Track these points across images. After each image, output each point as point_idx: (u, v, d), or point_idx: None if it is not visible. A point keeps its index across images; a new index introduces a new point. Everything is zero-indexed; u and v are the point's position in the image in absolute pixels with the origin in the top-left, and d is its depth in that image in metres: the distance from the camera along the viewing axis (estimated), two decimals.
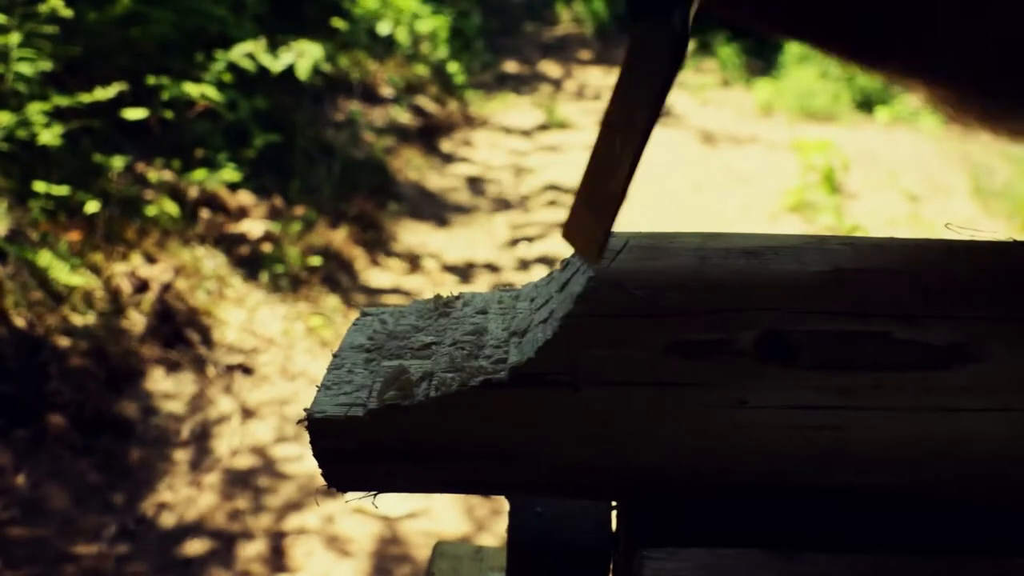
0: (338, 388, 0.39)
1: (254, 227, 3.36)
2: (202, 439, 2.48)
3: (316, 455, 0.38)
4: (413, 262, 3.67)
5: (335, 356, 0.42)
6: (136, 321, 2.70)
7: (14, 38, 2.90)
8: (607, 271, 0.37)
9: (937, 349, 0.37)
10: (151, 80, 3.41)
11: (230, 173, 3.45)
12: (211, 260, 3.09)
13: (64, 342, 2.48)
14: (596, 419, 0.37)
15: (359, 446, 0.37)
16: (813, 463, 0.37)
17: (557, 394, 0.37)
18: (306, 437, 0.38)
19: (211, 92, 3.49)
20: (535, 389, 0.37)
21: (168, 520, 2.21)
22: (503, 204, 4.35)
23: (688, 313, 0.37)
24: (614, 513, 0.44)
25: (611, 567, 0.44)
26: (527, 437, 0.37)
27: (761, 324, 0.37)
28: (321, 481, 0.39)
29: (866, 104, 6.31)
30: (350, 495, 0.39)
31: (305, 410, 0.38)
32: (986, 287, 0.38)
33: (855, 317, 0.37)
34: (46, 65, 2.99)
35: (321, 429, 0.37)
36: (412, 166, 4.56)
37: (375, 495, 0.39)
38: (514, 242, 3.91)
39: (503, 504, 0.44)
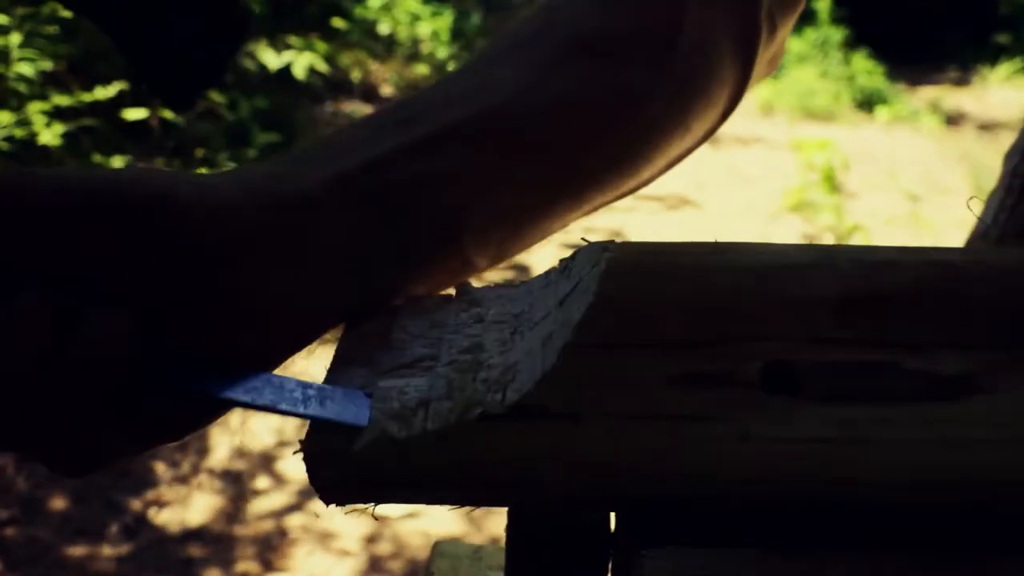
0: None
1: None
2: (201, 438, 2.48)
3: (313, 485, 0.37)
4: None
5: (329, 374, 0.41)
6: None
7: (15, 38, 2.90)
8: (608, 297, 0.36)
9: (946, 380, 0.36)
10: None
11: None
12: None
13: None
14: (597, 451, 0.36)
15: (357, 477, 0.37)
16: (817, 494, 0.36)
17: (557, 426, 0.36)
18: (304, 436, 0.37)
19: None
20: (534, 422, 0.36)
21: (168, 520, 2.21)
22: None
23: (691, 343, 0.36)
24: (613, 513, 0.44)
25: (609, 567, 0.44)
26: (526, 468, 0.36)
27: (766, 354, 0.36)
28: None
29: (866, 103, 6.31)
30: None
31: (300, 441, 0.37)
32: (996, 313, 0.37)
33: (863, 346, 0.36)
34: (46, 65, 2.99)
35: (318, 462, 0.37)
36: None
37: (374, 505, 0.39)
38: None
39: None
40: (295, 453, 0.37)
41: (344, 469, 0.37)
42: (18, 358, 0.33)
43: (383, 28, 5.24)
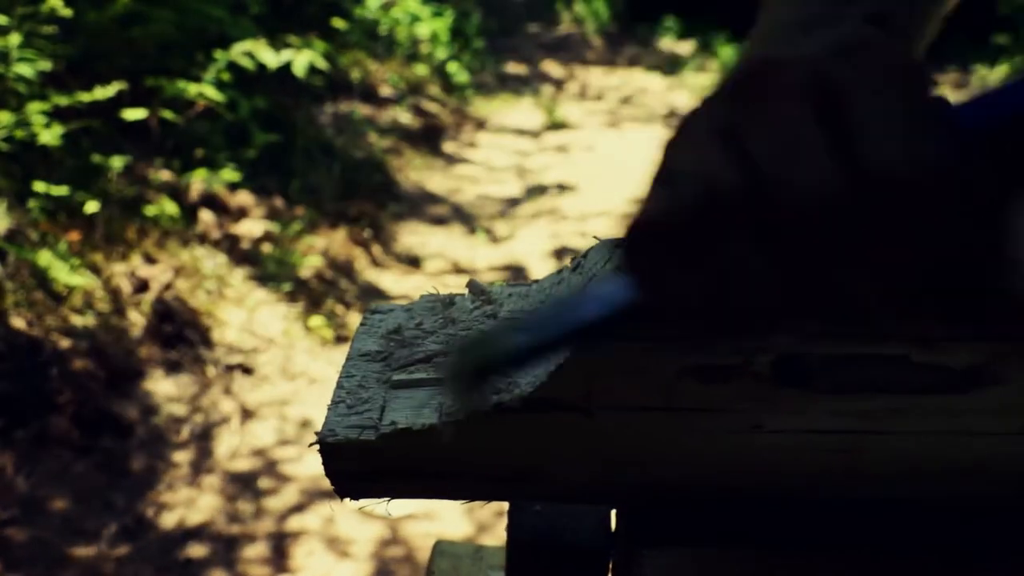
0: (349, 406, 0.38)
1: (254, 227, 3.36)
2: (202, 439, 2.48)
3: (328, 476, 0.38)
4: (413, 262, 3.67)
5: (346, 365, 0.41)
6: (136, 321, 2.70)
7: (14, 39, 2.90)
8: None
9: (955, 372, 0.36)
10: (151, 80, 3.41)
11: (230, 173, 3.44)
12: (211, 260, 3.09)
13: (64, 342, 2.48)
14: (608, 443, 0.36)
15: (371, 468, 0.37)
16: (827, 484, 0.37)
17: (569, 419, 0.36)
18: (306, 437, 0.38)
19: (211, 92, 3.49)
20: (547, 414, 0.36)
21: (168, 521, 2.21)
22: (504, 205, 4.35)
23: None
24: (614, 513, 0.44)
25: (610, 566, 0.44)
26: (537, 458, 0.37)
27: (777, 347, 0.36)
28: (327, 485, 0.39)
29: None
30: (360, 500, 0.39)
31: (316, 433, 0.37)
32: (1005, 307, 0.37)
33: (872, 340, 0.37)
34: (46, 65, 2.98)
35: (333, 453, 0.37)
36: (412, 166, 4.56)
37: (388, 501, 0.39)
38: (516, 243, 3.90)
39: (505, 506, 0.45)
40: (311, 445, 0.37)
41: (358, 459, 0.37)
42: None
43: (383, 28, 5.24)
